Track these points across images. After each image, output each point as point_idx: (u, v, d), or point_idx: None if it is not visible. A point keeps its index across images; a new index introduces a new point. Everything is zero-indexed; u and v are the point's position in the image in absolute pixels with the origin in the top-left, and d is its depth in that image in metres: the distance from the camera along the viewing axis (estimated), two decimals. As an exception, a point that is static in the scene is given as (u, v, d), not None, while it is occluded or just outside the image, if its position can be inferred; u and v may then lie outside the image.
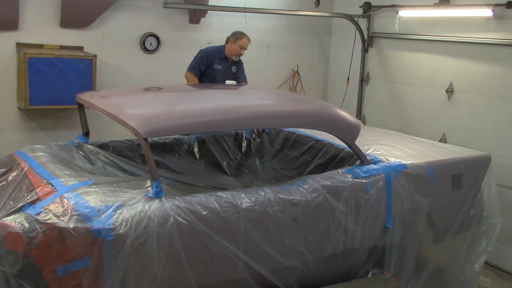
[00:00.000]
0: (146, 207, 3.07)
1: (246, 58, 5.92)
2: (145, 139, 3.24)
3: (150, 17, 6.15)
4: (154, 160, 3.36)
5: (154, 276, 3.06)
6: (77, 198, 3.06)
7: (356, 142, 3.99)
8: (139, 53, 6.16)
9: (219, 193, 3.37)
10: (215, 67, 5.57)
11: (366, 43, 6.97)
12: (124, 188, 3.32)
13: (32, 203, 3.04)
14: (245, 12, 6.33)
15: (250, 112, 3.79)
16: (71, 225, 2.87)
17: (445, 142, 5.85)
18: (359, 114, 7.14)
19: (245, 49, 5.63)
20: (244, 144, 5.18)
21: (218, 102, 4.15)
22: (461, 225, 4.43)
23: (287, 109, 4.03)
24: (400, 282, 3.88)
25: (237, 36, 5.57)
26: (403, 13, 6.31)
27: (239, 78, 5.75)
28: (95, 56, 5.42)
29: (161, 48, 6.25)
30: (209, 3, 6.32)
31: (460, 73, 5.84)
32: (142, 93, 4.40)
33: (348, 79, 7.24)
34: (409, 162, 4.11)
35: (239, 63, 5.79)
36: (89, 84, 5.37)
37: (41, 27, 5.56)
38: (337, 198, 3.71)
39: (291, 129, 5.09)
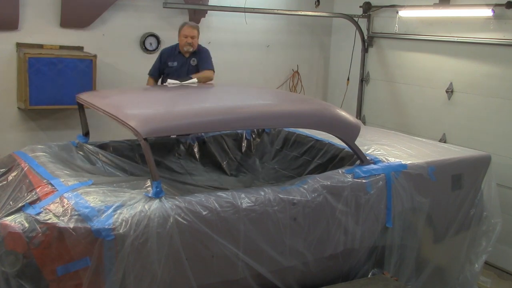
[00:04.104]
0: (146, 207, 3.07)
1: (247, 58, 5.90)
2: (145, 139, 3.24)
3: (150, 17, 6.15)
4: (154, 160, 3.36)
5: (154, 276, 3.05)
6: (77, 198, 3.06)
7: (356, 142, 3.99)
8: (139, 53, 6.16)
9: (219, 193, 3.37)
10: (170, 65, 5.36)
11: (366, 43, 6.96)
12: (124, 188, 3.32)
13: (32, 203, 3.04)
14: (245, 12, 6.33)
15: (250, 112, 3.79)
16: (71, 225, 2.87)
17: (445, 142, 5.85)
18: (359, 114, 7.14)
19: (191, 37, 5.28)
20: (244, 144, 5.17)
21: (218, 102, 4.15)
22: (461, 225, 4.43)
23: (287, 109, 4.02)
24: (400, 282, 3.88)
25: (180, 27, 5.34)
26: (403, 13, 6.31)
27: (201, 67, 5.39)
28: (95, 56, 5.42)
29: (161, 48, 6.24)
30: (209, 3, 6.32)
31: (460, 73, 5.84)
32: (142, 93, 4.40)
33: (348, 79, 7.23)
34: (409, 162, 4.11)
35: (200, 53, 5.42)
36: (89, 84, 5.36)
37: (41, 27, 5.55)
38: (337, 198, 3.71)
39: (291, 129, 5.08)
